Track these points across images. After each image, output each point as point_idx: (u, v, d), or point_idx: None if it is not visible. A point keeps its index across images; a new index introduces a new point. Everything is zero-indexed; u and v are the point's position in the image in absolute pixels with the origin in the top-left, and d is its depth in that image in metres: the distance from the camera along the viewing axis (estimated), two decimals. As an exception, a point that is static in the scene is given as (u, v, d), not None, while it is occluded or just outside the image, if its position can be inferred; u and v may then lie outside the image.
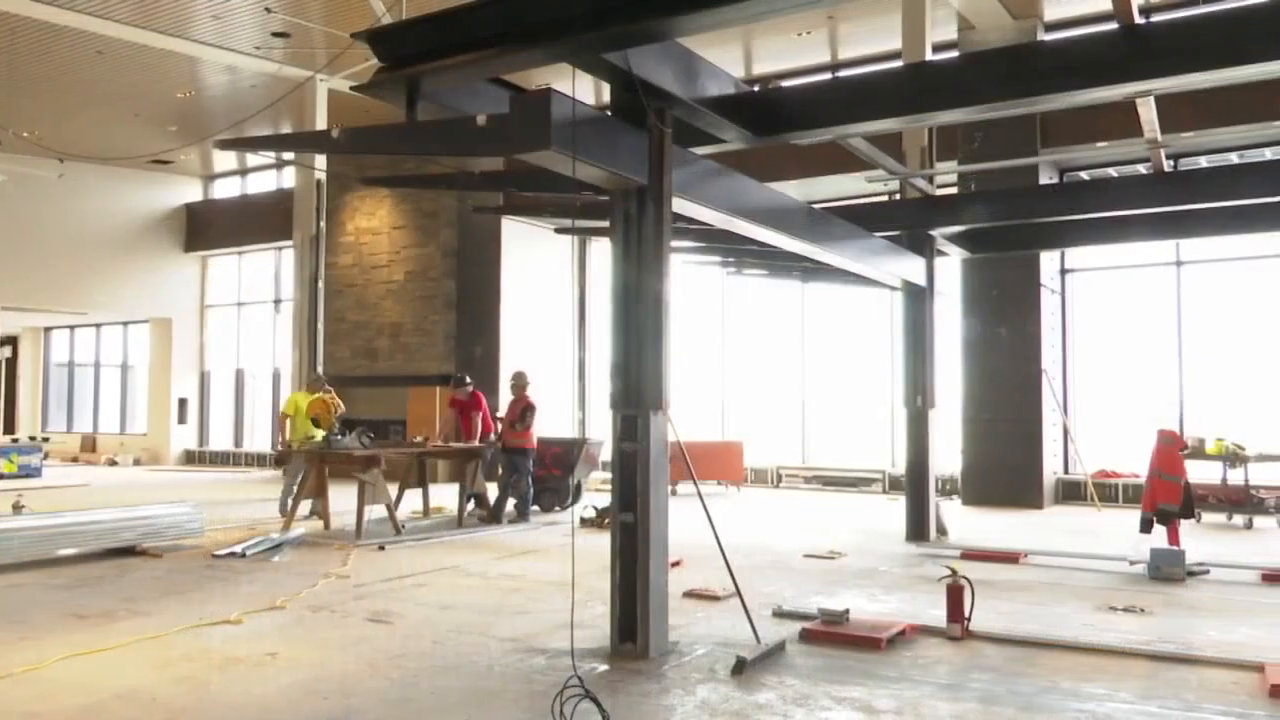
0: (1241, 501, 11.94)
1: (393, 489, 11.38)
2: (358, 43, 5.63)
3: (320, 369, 17.61)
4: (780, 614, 6.79)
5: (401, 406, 18.02)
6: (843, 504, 14.70)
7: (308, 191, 19.43)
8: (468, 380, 13.10)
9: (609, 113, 5.93)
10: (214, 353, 24.73)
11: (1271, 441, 11.72)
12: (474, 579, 8.30)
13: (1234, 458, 11.99)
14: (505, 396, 13.66)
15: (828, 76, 16.58)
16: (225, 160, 23.92)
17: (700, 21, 4.79)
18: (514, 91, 5.95)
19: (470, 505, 12.13)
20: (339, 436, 11.40)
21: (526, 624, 6.55)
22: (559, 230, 16.21)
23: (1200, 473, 11.49)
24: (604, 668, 5.48)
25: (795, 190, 13.81)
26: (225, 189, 25.15)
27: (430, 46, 5.33)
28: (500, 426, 12.54)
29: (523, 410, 12.06)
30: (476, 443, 12.62)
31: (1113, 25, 5.82)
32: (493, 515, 11.91)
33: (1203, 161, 13.89)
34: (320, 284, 19.18)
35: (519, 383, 12.26)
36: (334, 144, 6.27)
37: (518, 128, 5.19)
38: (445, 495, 12.96)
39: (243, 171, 24.69)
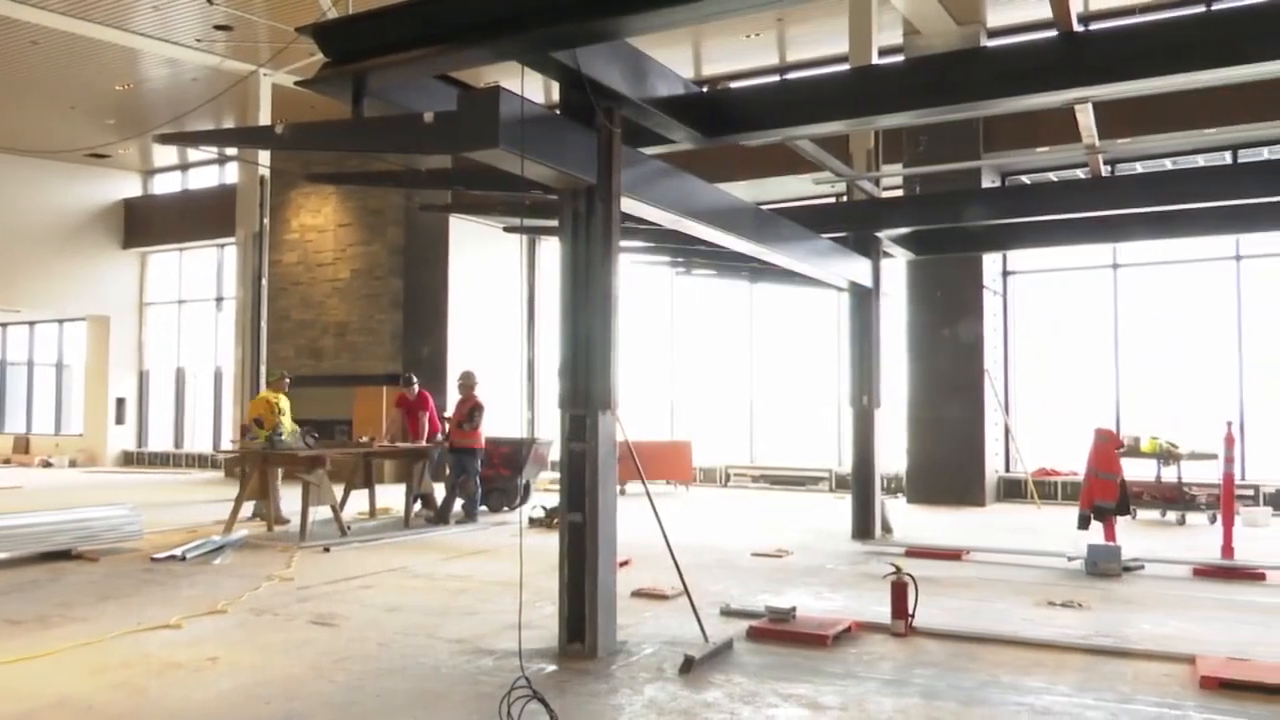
0: (1175, 498, 12.28)
1: (338, 490, 11.24)
2: (303, 37, 5.55)
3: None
4: (728, 612, 6.83)
5: (347, 406, 17.79)
6: (790, 503, 14.82)
7: (251, 187, 19.05)
8: (415, 380, 13.02)
9: (558, 112, 5.92)
10: (153, 351, 24.19)
11: (1203, 440, 12.05)
12: (421, 580, 8.22)
13: (1167, 456, 12.33)
14: (453, 396, 13.56)
15: (776, 79, 16.71)
16: (165, 155, 23.41)
17: (649, 21, 4.80)
18: (462, 89, 5.91)
19: (417, 506, 12.04)
20: (281, 437, 11.23)
21: (474, 625, 6.51)
22: (508, 229, 16.15)
23: (1135, 471, 11.80)
24: (552, 668, 5.46)
25: (744, 191, 13.89)
26: (166, 184, 24.61)
27: (377, 42, 5.28)
28: (448, 426, 12.45)
29: (470, 410, 11.98)
30: (424, 443, 12.52)
31: (1053, 33, 5.95)
32: (440, 516, 11.82)
33: (1138, 167, 14.26)
34: (264, 282, 18.82)
35: (467, 382, 12.19)
36: (278, 140, 6.18)
37: (466, 126, 5.15)
38: (392, 496, 12.82)
39: (184, 166, 24.18)
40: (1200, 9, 13.27)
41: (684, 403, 18.64)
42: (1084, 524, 9.31)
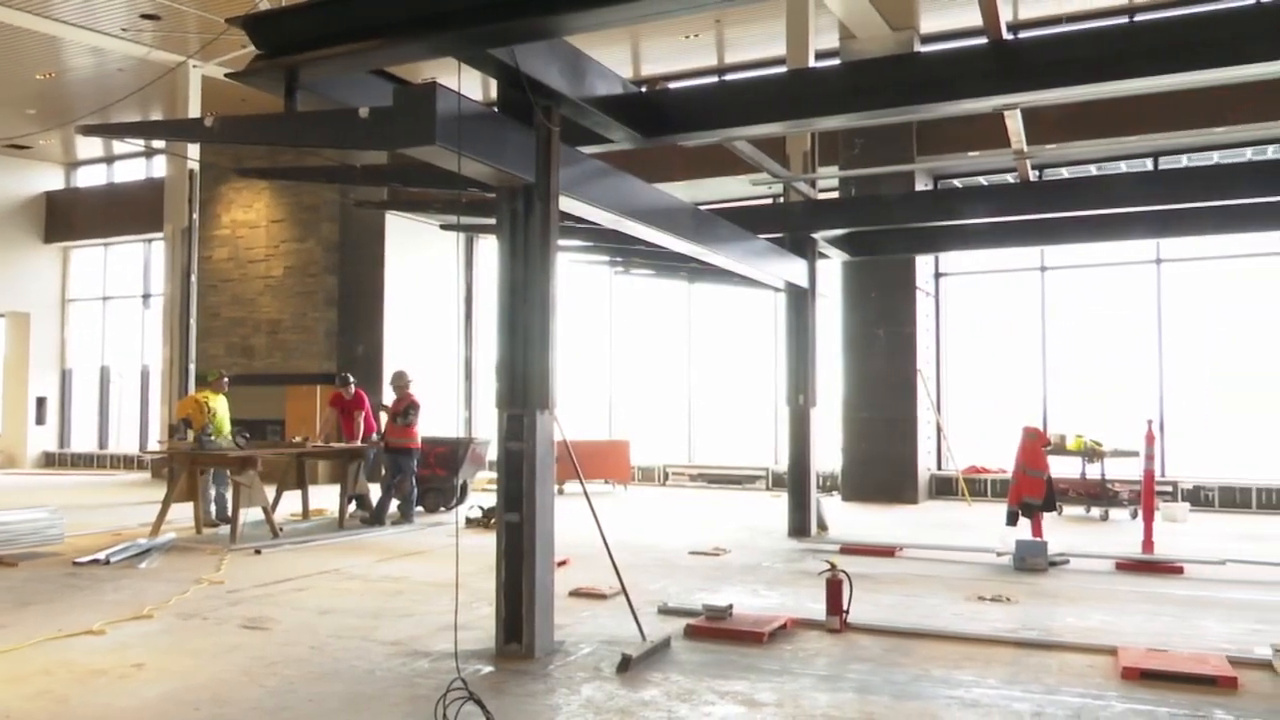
0: (1098, 495, 12.64)
1: (270, 491, 11.03)
2: (233, 28, 5.43)
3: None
4: (665, 611, 6.86)
5: (279, 406, 17.49)
6: (728, 501, 14.93)
7: (180, 181, 18.56)
8: (352, 380, 12.86)
9: (496, 109, 5.88)
10: (76, 349, 23.46)
11: (1126, 438, 12.43)
12: (355, 582, 8.11)
13: (1092, 453, 12.71)
14: (389, 396, 13.41)
15: (715, 80, 16.81)
16: (90, 147, 22.69)
17: (586, 20, 4.79)
18: (398, 84, 5.83)
19: (352, 507, 11.88)
20: (212, 438, 11.01)
21: (410, 627, 6.44)
22: (444, 227, 15.99)
23: (1061, 468, 12.14)
24: (489, 669, 5.43)
25: (682, 191, 13.96)
26: (90, 177, 23.87)
27: (310, 35, 5.17)
28: (384, 423, 12.30)
29: (405, 408, 11.85)
30: (359, 443, 12.36)
31: (984, 40, 6.07)
32: (375, 517, 11.66)
33: (1064, 173, 14.65)
34: (193, 278, 18.40)
35: (401, 381, 12.06)
36: (207, 133, 6.03)
37: (402, 122, 5.09)
38: (326, 497, 12.62)
39: (109, 159, 23.50)
40: (1124, 20, 13.69)
41: (622, 402, 18.66)
42: (1012, 520, 9.54)
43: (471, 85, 13.25)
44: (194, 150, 16.93)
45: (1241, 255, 14.05)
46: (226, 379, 12.14)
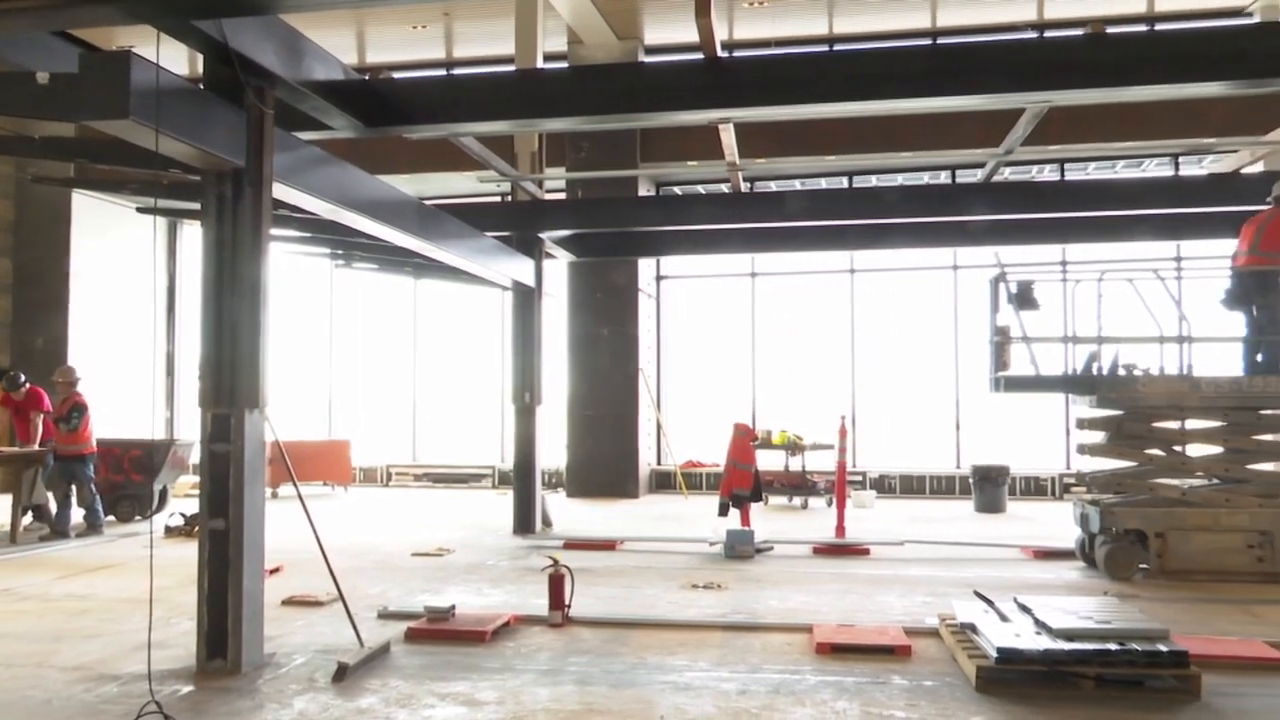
0: (799, 485, 13.71)
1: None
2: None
3: None
4: (386, 615, 6.69)
5: (-65, 406, 15.29)
6: (453, 500, 14.76)
7: None
8: (23, 377, 11.45)
9: (202, 86, 5.47)
10: None
11: (824, 432, 13.54)
12: (30, 602, 7.25)
13: (794, 447, 13.78)
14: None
15: (443, 73, 16.56)
16: None
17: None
18: (85, 49, 5.27)
19: (28, 519, 10.62)
20: None
21: (96, 649, 5.85)
22: (142, 210, 14.65)
23: (768, 461, 13.06)
24: (189, 689, 5.04)
25: (406, 185, 13.58)
26: None
27: (-26, -14, 4.57)
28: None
29: (69, 411, 10.68)
30: (36, 447, 11.06)
31: (701, 56, 6.40)
32: (56, 529, 10.49)
33: (773, 186, 15.74)
34: None
35: (66, 379, 10.89)
36: None
37: (90, 91, 4.60)
38: (-6, 508, 11.21)
39: None
40: (824, 49, 14.90)
41: (343, 400, 17.96)
42: (723, 511, 10.12)
43: (176, 57, 12.23)
44: None
45: (920, 268, 15.72)
46: None
